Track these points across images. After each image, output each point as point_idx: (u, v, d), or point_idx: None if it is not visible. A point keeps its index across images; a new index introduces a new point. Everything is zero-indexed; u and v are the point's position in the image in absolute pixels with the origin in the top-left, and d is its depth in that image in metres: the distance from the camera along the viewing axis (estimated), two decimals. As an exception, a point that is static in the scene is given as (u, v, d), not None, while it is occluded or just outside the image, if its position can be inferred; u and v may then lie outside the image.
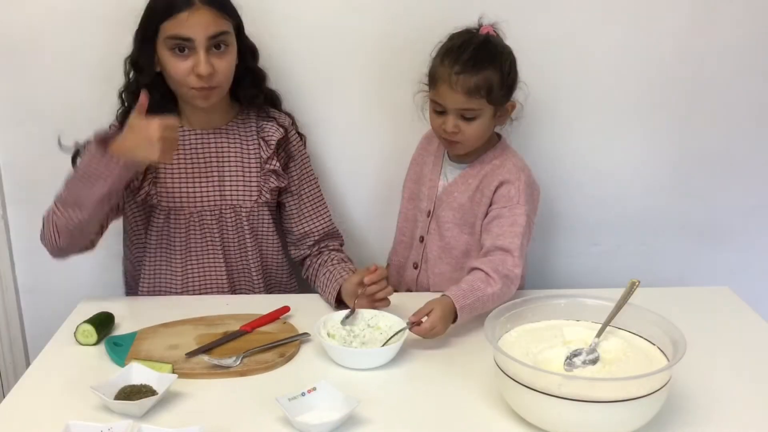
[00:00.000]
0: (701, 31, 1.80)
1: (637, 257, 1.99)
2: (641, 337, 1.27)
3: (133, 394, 1.23)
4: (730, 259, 2.01)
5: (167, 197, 1.66)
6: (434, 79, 1.57)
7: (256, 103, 1.71)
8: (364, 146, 1.91)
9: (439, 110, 1.58)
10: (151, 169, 1.63)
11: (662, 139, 1.90)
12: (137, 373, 1.28)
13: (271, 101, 1.75)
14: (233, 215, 1.70)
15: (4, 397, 1.33)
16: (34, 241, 1.61)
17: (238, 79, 1.64)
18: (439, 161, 1.72)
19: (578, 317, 1.32)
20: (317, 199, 1.78)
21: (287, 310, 1.57)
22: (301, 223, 1.76)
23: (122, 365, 1.35)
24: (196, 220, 1.68)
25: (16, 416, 1.24)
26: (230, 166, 1.69)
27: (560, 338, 1.27)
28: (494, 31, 1.59)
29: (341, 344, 1.41)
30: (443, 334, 1.43)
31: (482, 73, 1.52)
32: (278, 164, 1.70)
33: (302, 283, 1.81)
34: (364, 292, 1.50)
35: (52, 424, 1.18)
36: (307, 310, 1.59)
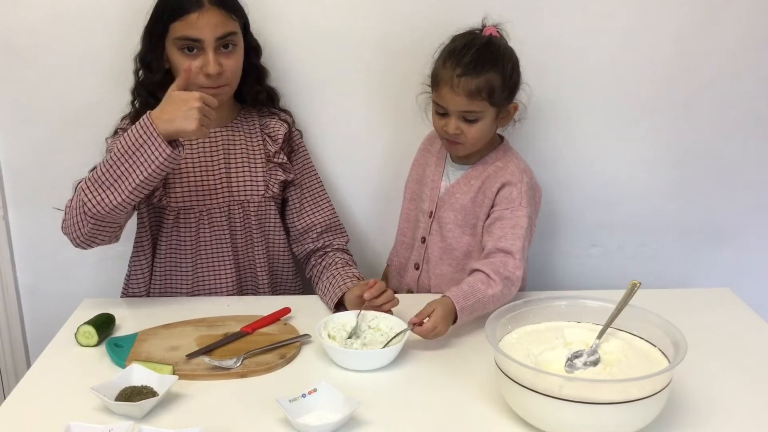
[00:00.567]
0: (701, 33, 1.80)
1: (638, 258, 1.99)
2: (642, 338, 1.27)
3: (133, 395, 1.23)
4: (730, 260, 2.01)
5: (176, 197, 1.67)
6: (436, 81, 1.57)
7: (259, 99, 1.73)
8: (365, 147, 1.91)
9: (441, 112, 1.58)
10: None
11: (663, 140, 1.90)
12: (138, 374, 1.28)
13: (271, 99, 1.78)
14: (241, 211, 1.70)
15: (5, 398, 1.32)
16: (35, 242, 1.61)
17: (242, 76, 1.66)
18: (441, 162, 1.72)
19: (579, 319, 1.32)
20: (318, 190, 1.79)
21: (288, 311, 1.58)
22: (302, 215, 1.76)
23: (123, 366, 1.35)
24: (205, 218, 1.69)
25: (17, 417, 1.24)
26: (237, 162, 1.71)
27: (561, 340, 1.27)
28: (498, 32, 1.58)
29: (342, 346, 1.41)
30: (445, 334, 1.43)
31: (484, 75, 1.52)
32: (285, 157, 1.72)
33: (307, 284, 1.80)
34: (368, 306, 1.50)
35: (52, 425, 1.18)
36: (307, 311, 1.59)
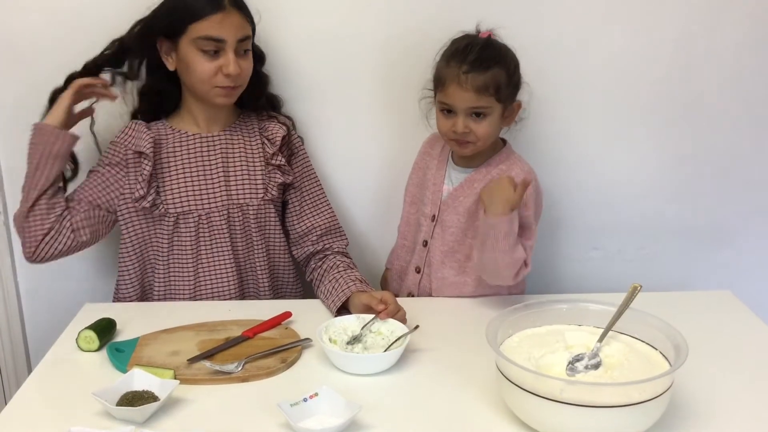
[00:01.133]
0: (701, 34, 1.80)
1: (638, 261, 1.99)
2: (643, 341, 1.26)
3: (135, 400, 1.23)
4: (731, 262, 2.00)
5: (174, 203, 1.67)
6: (442, 80, 1.57)
7: (258, 105, 1.75)
8: (365, 151, 1.91)
9: (447, 111, 1.58)
10: (154, 177, 1.66)
11: (663, 142, 1.90)
12: (139, 379, 1.28)
13: (272, 105, 1.79)
14: (240, 215, 1.71)
15: (6, 403, 1.33)
16: (36, 247, 1.62)
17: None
18: (443, 166, 1.72)
19: (580, 322, 1.32)
20: (318, 194, 1.80)
21: (289, 315, 1.58)
22: (302, 218, 1.77)
23: (124, 371, 1.35)
24: (204, 222, 1.69)
25: (18, 423, 1.24)
26: (235, 165, 1.71)
27: (562, 343, 1.27)
28: (493, 35, 1.59)
29: (343, 350, 1.41)
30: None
31: (490, 71, 1.53)
32: (283, 160, 1.72)
33: (308, 287, 1.80)
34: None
35: (54, 430, 1.18)
36: (308, 315, 1.59)
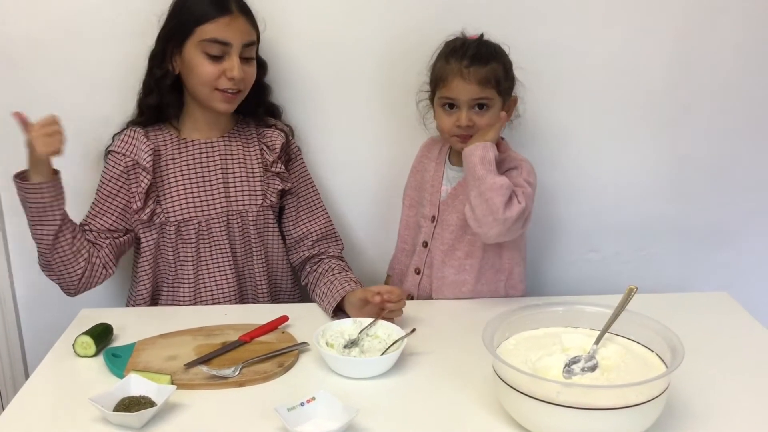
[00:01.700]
0: (700, 36, 1.81)
1: (635, 263, 2.00)
2: (640, 343, 1.27)
3: (132, 405, 1.23)
4: (728, 264, 2.01)
5: (175, 212, 1.67)
6: (443, 77, 1.60)
7: (257, 113, 1.75)
8: (363, 155, 1.91)
9: (450, 107, 1.60)
10: (154, 186, 1.66)
11: (660, 144, 1.90)
12: (136, 384, 1.28)
13: (271, 113, 1.79)
14: (240, 221, 1.71)
15: (3, 409, 1.32)
16: (32, 253, 1.61)
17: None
18: (440, 167, 1.73)
19: (576, 324, 1.32)
20: (314, 199, 1.80)
21: (286, 319, 1.58)
22: (298, 224, 1.77)
23: (121, 376, 1.35)
24: (204, 229, 1.69)
25: (15, 429, 1.23)
26: (234, 172, 1.72)
27: (558, 345, 1.27)
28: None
29: (340, 353, 1.41)
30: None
31: (489, 64, 1.58)
32: (282, 167, 1.73)
33: (306, 292, 1.80)
34: (383, 312, 1.50)
35: (51, 436, 1.18)
36: (305, 319, 1.59)
